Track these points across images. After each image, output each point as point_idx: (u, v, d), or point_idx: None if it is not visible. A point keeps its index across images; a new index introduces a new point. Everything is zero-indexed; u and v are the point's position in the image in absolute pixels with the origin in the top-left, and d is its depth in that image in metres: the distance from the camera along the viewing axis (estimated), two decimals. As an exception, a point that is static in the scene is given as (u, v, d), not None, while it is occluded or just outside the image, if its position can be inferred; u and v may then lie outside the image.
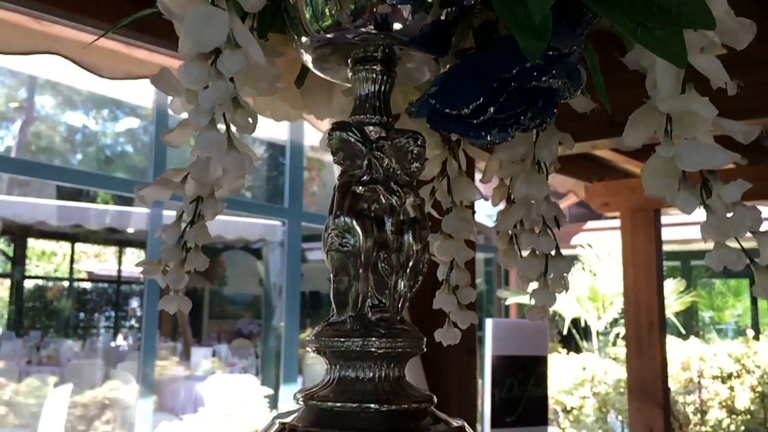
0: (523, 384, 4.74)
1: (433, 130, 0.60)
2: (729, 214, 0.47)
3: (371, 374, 0.53)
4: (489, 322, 4.80)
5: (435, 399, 0.55)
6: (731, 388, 6.01)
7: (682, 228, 7.94)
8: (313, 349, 0.55)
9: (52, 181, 5.08)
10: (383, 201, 0.56)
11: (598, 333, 8.02)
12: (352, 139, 0.56)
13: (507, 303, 8.51)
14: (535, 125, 0.56)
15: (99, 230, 7.86)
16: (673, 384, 6.01)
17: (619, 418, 6.41)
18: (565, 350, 7.80)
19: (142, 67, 2.48)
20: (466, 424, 0.54)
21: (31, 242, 10.30)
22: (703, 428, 5.94)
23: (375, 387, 0.53)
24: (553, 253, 0.62)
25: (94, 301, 10.85)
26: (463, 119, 0.54)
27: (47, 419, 4.75)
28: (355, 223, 0.54)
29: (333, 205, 0.56)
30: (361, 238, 0.54)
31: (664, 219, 4.77)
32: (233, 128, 0.52)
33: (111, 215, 7.10)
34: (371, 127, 0.57)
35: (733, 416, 5.84)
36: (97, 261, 11.48)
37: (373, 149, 0.56)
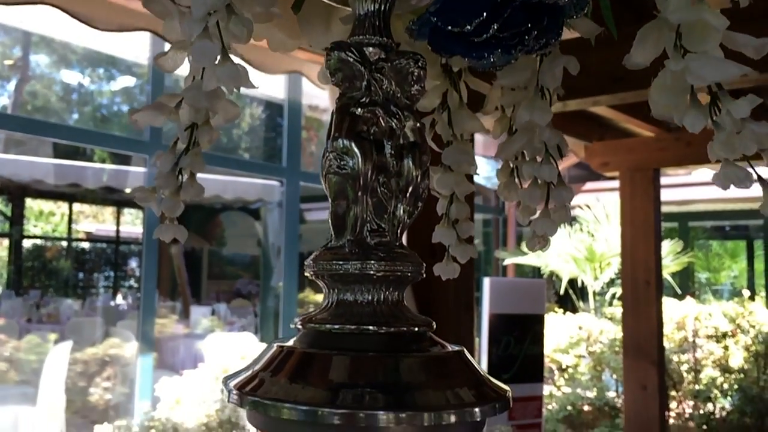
0: (520, 342, 4.80)
1: (434, 53, 0.58)
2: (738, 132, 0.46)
3: (370, 297, 0.53)
4: (487, 281, 4.83)
5: (434, 324, 0.55)
6: (726, 348, 6.07)
7: (681, 189, 7.94)
8: (311, 273, 0.55)
9: (49, 138, 5.04)
10: (382, 124, 0.54)
11: (594, 293, 8.08)
12: (351, 59, 0.54)
13: (505, 264, 8.54)
14: (539, 46, 0.54)
15: (96, 190, 7.83)
16: (668, 343, 6.07)
17: (614, 376, 6.48)
18: (562, 310, 7.87)
19: (136, 18, 2.44)
20: (465, 350, 0.54)
21: (29, 202, 10.28)
22: (697, 386, 6.02)
23: (373, 310, 0.52)
24: (555, 182, 0.61)
25: (93, 261, 10.89)
26: (466, 38, 0.53)
27: (48, 375, 4.80)
28: (353, 145, 0.53)
29: (331, 127, 0.55)
30: (359, 160, 0.53)
31: (663, 180, 4.76)
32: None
33: (108, 174, 7.06)
34: (371, 48, 0.56)
35: (727, 375, 5.91)
36: (95, 221, 11.48)
37: (372, 70, 0.55)
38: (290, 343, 0.53)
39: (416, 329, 0.53)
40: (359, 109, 0.54)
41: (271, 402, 0.47)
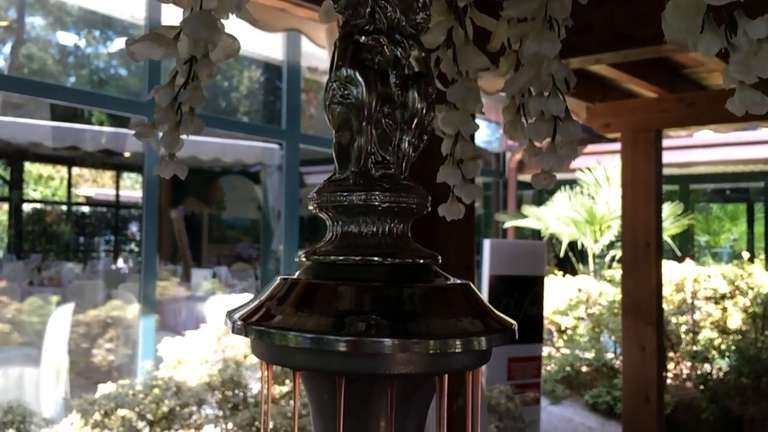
0: (519, 303, 4.83)
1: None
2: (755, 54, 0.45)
3: (375, 229, 0.52)
4: (487, 243, 4.84)
5: (440, 258, 0.54)
6: (724, 309, 6.10)
7: (682, 151, 7.91)
8: (314, 206, 0.54)
9: (47, 100, 4.99)
10: (387, 53, 0.53)
11: (594, 256, 8.10)
12: (355, -16, 0.52)
13: (505, 227, 8.55)
14: (548, -29, 0.52)
15: (95, 153, 7.79)
16: (667, 305, 6.10)
17: (612, 337, 6.54)
18: (561, 273, 7.90)
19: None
20: (470, 283, 0.53)
21: (28, 166, 10.25)
22: (695, 348, 6.07)
23: (378, 241, 0.52)
24: (562, 116, 0.60)
25: (93, 225, 10.88)
26: (473, -38, 0.51)
27: (51, 337, 4.83)
28: (357, 74, 0.52)
29: (334, 57, 0.53)
30: (363, 89, 0.52)
31: (664, 142, 4.74)
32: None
33: (107, 136, 7.01)
34: (374, -26, 0.54)
35: (725, 336, 5.95)
36: (95, 185, 11.46)
37: (376, -3, 0.53)
38: (294, 275, 0.52)
39: (422, 261, 0.52)
40: (363, 37, 0.52)
41: (277, 330, 0.46)
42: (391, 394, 0.47)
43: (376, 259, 0.50)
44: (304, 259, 0.53)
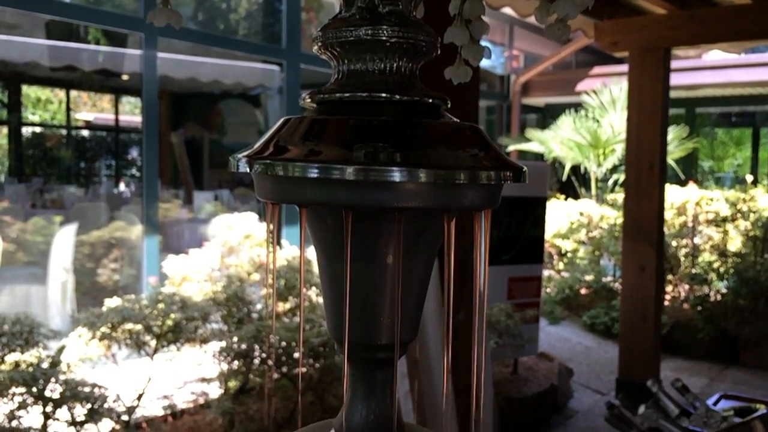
0: (521, 224, 4.84)
1: None
2: None
3: (382, 66, 0.50)
4: (490, 163, 4.81)
5: (449, 102, 0.53)
6: (725, 232, 6.12)
7: (690, 73, 7.77)
8: (319, 45, 0.52)
9: (41, 15, 4.86)
10: None
11: (596, 180, 8.09)
12: None
13: (508, 151, 8.50)
14: None
15: (93, 75, 7.67)
16: (668, 229, 6.12)
17: (612, 261, 6.59)
18: (564, 197, 7.90)
19: None
20: (480, 127, 0.52)
21: (26, 89, 10.11)
22: (694, 270, 6.12)
23: (386, 79, 0.50)
24: (579, -40, 0.57)
25: (94, 150, 10.81)
26: None
27: (56, 256, 4.87)
28: None
29: None
30: None
31: (672, 64, 4.64)
32: None
33: (104, 55, 6.88)
34: None
35: (724, 258, 5.99)
36: (94, 110, 11.34)
37: None
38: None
39: (430, 100, 0.50)
40: None
41: (283, 162, 0.45)
42: (399, 229, 0.46)
43: (383, 95, 0.49)
44: (309, 101, 0.51)
